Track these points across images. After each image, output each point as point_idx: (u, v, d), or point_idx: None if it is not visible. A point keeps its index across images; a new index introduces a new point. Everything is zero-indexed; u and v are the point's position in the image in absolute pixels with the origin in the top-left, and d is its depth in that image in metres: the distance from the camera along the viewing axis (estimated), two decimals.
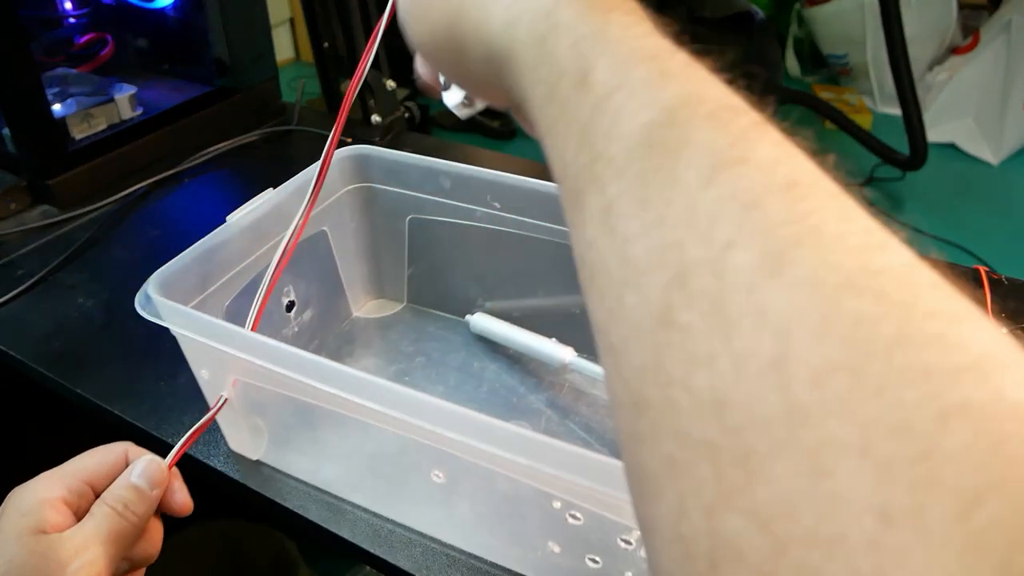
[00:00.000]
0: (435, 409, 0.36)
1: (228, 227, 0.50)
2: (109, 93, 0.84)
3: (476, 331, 0.61)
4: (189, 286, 0.47)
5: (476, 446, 0.35)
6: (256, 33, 0.94)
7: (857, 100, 2.44)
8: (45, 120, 0.76)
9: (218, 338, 0.42)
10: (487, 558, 0.45)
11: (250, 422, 0.49)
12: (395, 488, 0.47)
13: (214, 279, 0.49)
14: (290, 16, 2.66)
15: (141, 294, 0.44)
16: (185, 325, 0.43)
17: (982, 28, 2.23)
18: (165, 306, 0.43)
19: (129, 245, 0.74)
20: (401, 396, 0.37)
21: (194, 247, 0.48)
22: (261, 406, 0.48)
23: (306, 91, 1.01)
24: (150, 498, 0.39)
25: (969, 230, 1.88)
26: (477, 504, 0.44)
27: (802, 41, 2.65)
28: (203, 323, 0.43)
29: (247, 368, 0.43)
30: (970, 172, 2.16)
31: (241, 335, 0.42)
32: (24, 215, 0.78)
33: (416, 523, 0.47)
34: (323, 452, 0.48)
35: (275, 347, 0.40)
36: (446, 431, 0.36)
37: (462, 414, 0.35)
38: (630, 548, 0.38)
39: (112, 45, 0.94)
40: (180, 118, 0.88)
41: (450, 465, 0.42)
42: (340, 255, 0.61)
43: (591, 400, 0.56)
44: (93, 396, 0.56)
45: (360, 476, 0.48)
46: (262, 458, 0.51)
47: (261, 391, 0.46)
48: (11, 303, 0.66)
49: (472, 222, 0.57)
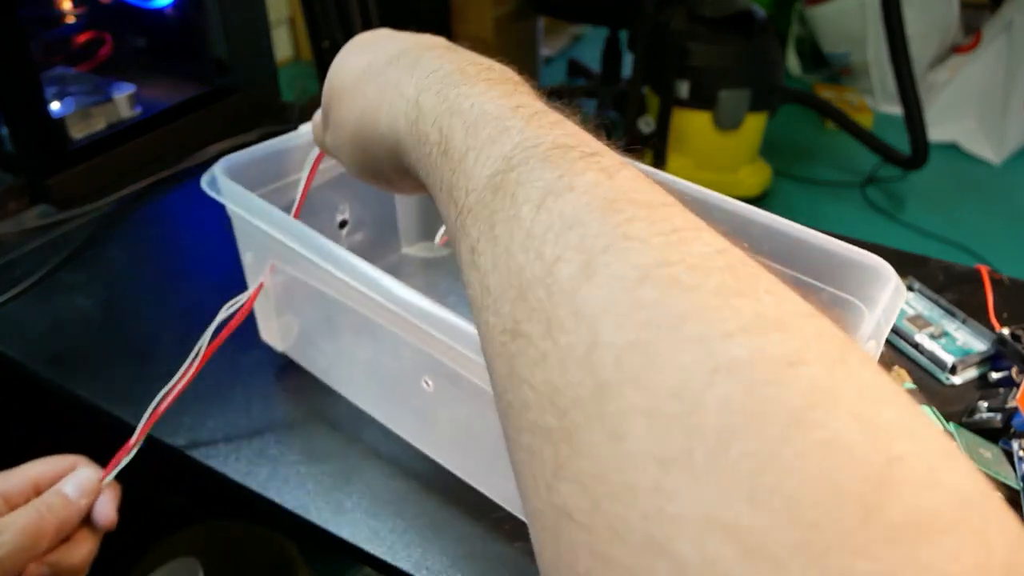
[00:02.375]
0: (423, 310, 0.39)
1: (298, 134, 0.54)
2: (108, 92, 0.84)
3: None
4: (251, 177, 0.51)
5: (455, 348, 0.37)
6: (256, 33, 0.93)
7: (858, 99, 2.43)
8: (44, 119, 0.76)
9: (261, 218, 0.46)
10: (464, 479, 0.47)
11: (280, 312, 0.54)
12: (390, 391, 0.49)
13: (279, 177, 0.53)
14: (290, 16, 2.66)
15: (208, 175, 0.48)
16: (238, 203, 0.48)
17: (983, 27, 2.23)
18: (227, 185, 0.48)
19: (129, 245, 0.73)
20: (396, 293, 0.40)
21: (264, 144, 0.52)
22: (290, 295, 0.51)
23: (306, 91, 1.01)
24: (75, 506, 0.42)
25: (970, 229, 1.88)
26: (457, 417, 0.46)
27: (803, 40, 2.65)
28: (252, 203, 0.47)
29: (281, 252, 0.47)
30: (971, 171, 2.16)
31: (279, 217, 0.45)
32: (23, 215, 0.78)
33: (406, 433, 0.50)
34: (339, 349, 0.51)
35: (302, 230, 0.44)
36: (432, 330, 0.38)
37: (447, 319, 0.38)
38: None
39: (111, 44, 0.94)
40: (179, 117, 0.88)
41: (437, 372, 0.44)
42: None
43: None
44: (92, 396, 0.56)
45: (365, 377, 0.50)
46: (288, 351, 0.56)
47: (292, 280, 0.50)
48: (10, 303, 0.66)
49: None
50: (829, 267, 0.45)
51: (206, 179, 0.48)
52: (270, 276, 0.51)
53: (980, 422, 0.51)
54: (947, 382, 0.56)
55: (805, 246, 0.46)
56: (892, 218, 1.94)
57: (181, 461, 0.52)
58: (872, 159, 2.05)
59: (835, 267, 0.45)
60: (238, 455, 0.52)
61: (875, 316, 0.40)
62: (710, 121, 1.82)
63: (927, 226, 1.90)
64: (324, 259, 0.43)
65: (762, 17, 1.78)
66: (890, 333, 0.60)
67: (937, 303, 0.62)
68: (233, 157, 0.50)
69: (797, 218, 0.45)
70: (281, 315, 0.54)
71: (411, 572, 0.45)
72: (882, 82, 2.39)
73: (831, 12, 2.42)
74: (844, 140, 2.10)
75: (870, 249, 0.65)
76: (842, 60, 2.51)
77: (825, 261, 0.45)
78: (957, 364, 0.56)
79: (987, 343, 0.58)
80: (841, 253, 0.45)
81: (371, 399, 0.52)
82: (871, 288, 0.43)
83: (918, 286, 0.63)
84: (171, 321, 0.64)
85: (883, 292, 0.42)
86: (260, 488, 0.49)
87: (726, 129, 1.83)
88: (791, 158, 2.16)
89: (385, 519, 0.48)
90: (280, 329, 0.55)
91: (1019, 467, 0.47)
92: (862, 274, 0.44)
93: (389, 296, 0.40)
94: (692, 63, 1.77)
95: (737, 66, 1.77)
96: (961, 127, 2.24)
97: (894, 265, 0.41)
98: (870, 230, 1.90)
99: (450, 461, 0.48)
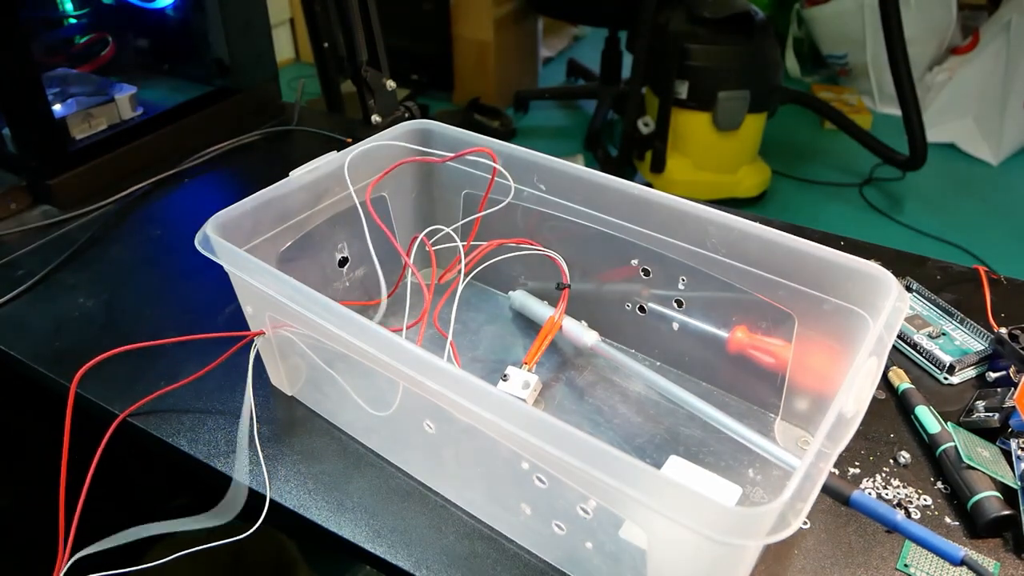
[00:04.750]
0: (417, 359, 0.39)
1: (290, 181, 0.54)
2: (109, 93, 0.84)
3: (515, 307, 0.63)
4: (246, 229, 0.52)
5: (449, 396, 0.38)
6: (256, 33, 0.94)
7: (857, 100, 2.44)
8: (46, 120, 0.76)
9: (253, 275, 0.46)
10: (474, 513, 0.48)
11: (285, 359, 0.54)
12: (397, 434, 0.50)
13: (272, 226, 0.54)
14: (290, 16, 2.66)
15: (200, 233, 0.48)
16: (231, 262, 0.48)
17: (982, 28, 2.24)
18: (219, 244, 0.48)
19: (129, 245, 0.74)
20: (392, 344, 0.40)
21: (255, 196, 0.52)
22: (292, 342, 0.51)
23: (306, 91, 1.01)
24: None
25: (968, 230, 1.88)
26: (461, 456, 0.46)
27: (802, 41, 2.66)
28: (244, 262, 0.47)
29: (277, 305, 0.47)
30: (970, 172, 2.16)
31: (271, 273, 0.45)
32: (24, 215, 0.78)
33: (415, 471, 0.50)
34: (343, 395, 0.51)
35: (296, 287, 0.44)
36: (425, 379, 0.39)
37: (439, 366, 0.38)
38: (588, 517, 0.39)
39: (112, 45, 0.94)
40: (180, 118, 0.88)
41: (437, 416, 0.44)
42: (399, 220, 0.64)
43: (608, 384, 0.57)
44: (93, 396, 0.56)
45: (369, 420, 0.50)
46: (297, 395, 0.56)
47: (291, 331, 0.50)
48: (11, 303, 0.66)
49: (519, 202, 0.59)
50: (830, 277, 0.46)
51: (199, 238, 0.48)
52: (270, 327, 0.51)
53: (978, 422, 0.51)
54: (945, 382, 0.57)
55: (804, 257, 0.46)
56: (890, 218, 1.95)
57: (182, 461, 0.53)
58: (871, 160, 2.06)
59: (836, 277, 0.45)
60: (238, 455, 0.52)
61: (877, 329, 0.40)
62: (709, 122, 1.82)
63: (925, 226, 1.90)
64: (316, 314, 0.43)
65: (761, 18, 1.78)
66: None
67: (935, 303, 0.63)
68: (224, 213, 0.50)
69: (796, 219, 0.46)
70: (286, 360, 0.54)
71: (411, 572, 0.45)
72: (880, 83, 2.40)
73: (830, 13, 2.43)
74: (843, 141, 2.10)
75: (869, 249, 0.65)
76: (841, 61, 2.51)
77: (825, 271, 0.46)
78: (955, 364, 0.56)
79: (985, 343, 0.59)
80: (841, 263, 0.45)
81: (380, 442, 0.52)
82: (874, 297, 0.44)
83: (916, 286, 0.64)
84: (171, 321, 0.64)
85: (886, 301, 0.42)
86: (260, 488, 0.50)
87: (725, 130, 1.83)
88: (790, 159, 2.16)
89: (385, 519, 0.48)
90: (287, 374, 0.56)
91: (1017, 466, 0.47)
92: (863, 283, 0.44)
93: (387, 349, 0.41)
94: (692, 64, 1.78)
95: (736, 67, 1.77)
96: (959, 128, 2.24)
97: (892, 265, 0.42)
98: (868, 230, 1.90)
99: (459, 498, 0.49)
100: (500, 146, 0.59)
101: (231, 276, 0.50)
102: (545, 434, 0.35)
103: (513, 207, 0.60)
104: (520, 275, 0.64)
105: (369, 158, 0.58)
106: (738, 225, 0.48)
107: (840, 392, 0.36)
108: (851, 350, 0.45)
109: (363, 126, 0.89)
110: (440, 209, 0.66)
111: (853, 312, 0.45)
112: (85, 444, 0.50)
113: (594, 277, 0.59)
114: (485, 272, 0.63)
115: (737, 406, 0.55)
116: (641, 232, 0.53)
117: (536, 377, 0.54)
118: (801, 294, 0.47)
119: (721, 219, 0.49)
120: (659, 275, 0.54)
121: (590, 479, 0.34)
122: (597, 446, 0.34)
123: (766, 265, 0.48)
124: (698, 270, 0.51)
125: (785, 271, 0.48)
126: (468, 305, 0.65)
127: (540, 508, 0.42)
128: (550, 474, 0.39)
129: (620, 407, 0.55)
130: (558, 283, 0.57)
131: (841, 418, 0.36)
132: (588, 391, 0.57)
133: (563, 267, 0.57)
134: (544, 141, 2.33)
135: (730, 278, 0.50)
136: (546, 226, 0.59)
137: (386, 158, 0.59)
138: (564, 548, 0.43)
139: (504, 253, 0.60)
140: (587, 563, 0.42)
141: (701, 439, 0.52)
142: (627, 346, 0.60)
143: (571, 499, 0.39)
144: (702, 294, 0.53)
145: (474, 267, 0.60)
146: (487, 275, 0.65)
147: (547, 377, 0.58)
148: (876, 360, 0.39)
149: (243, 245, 0.51)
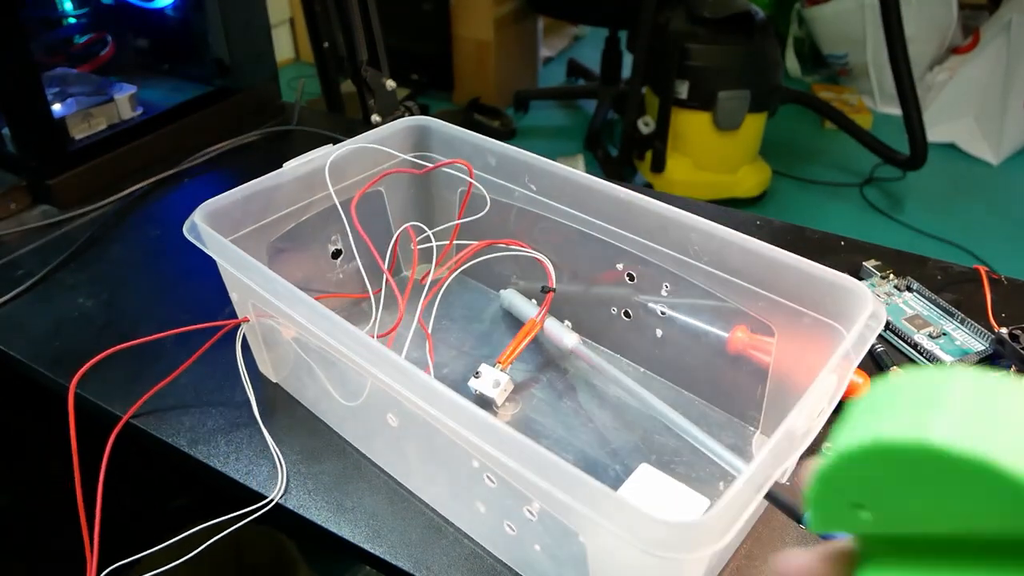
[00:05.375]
0: (372, 351, 0.40)
1: (282, 173, 0.54)
2: (109, 93, 0.84)
3: (504, 306, 0.63)
4: (235, 218, 0.52)
5: (401, 391, 0.39)
6: (256, 33, 0.94)
7: (857, 100, 2.44)
8: (45, 120, 0.76)
9: (236, 266, 0.47)
10: (436, 508, 0.48)
11: (270, 347, 0.55)
12: (365, 424, 0.50)
13: (262, 216, 0.54)
14: (290, 16, 2.66)
15: (189, 221, 0.48)
16: (216, 251, 0.48)
17: (982, 28, 2.23)
18: (207, 232, 0.48)
19: (129, 245, 0.74)
20: (354, 337, 0.41)
21: (246, 185, 0.53)
22: (275, 333, 0.52)
23: (306, 91, 1.01)
24: None
25: (969, 230, 1.88)
26: (421, 451, 0.46)
27: (802, 41, 2.66)
28: (228, 252, 0.47)
29: (258, 297, 0.47)
30: (970, 172, 2.16)
31: (253, 265, 0.46)
32: (24, 215, 0.78)
33: (383, 462, 0.51)
34: (319, 382, 0.51)
35: (275, 280, 0.44)
36: (379, 372, 0.39)
37: (393, 359, 0.39)
38: (533, 520, 0.39)
39: (112, 45, 0.94)
40: (180, 118, 0.88)
41: (398, 410, 0.44)
42: (394, 216, 0.64)
43: (589, 388, 0.57)
44: (93, 396, 0.56)
45: (342, 410, 0.51)
46: (281, 383, 0.57)
47: (271, 320, 0.50)
48: (11, 303, 0.66)
49: (511, 201, 0.59)
50: (809, 290, 0.45)
51: (187, 225, 0.49)
52: (254, 315, 0.52)
53: None
54: None
55: (785, 269, 0.46)
56: (891, 218, 1.95)
57: (182, 461, 0.53)
58: (871, 159, 2.06)
59: (815, 290, 0.45)
60: (238, 455, 0.52)
61: (844, 347, 0.40)
62: (710, 121, 1.82)
63: (926, 226, 1.90)
64: (295, 311, 0.43)
65: (761, 18, 1.78)
66: (889, 333, 0.61)
67: (936, 303, 0.63)
68: (213, 201, 0.50)
69: (796, 218, 0.46)
70: (271, 348, 0.54)
71: (411, 572, 0.45)
72: (881, 83, 2.40)
73: (830, 13, 2.43)
74: (843, 140, 2.10)
75: (869, 250, 0.65)
76: (841, 61, 2.51)
77: (805, 284, 0.45)
78: (955, 364, 0.56)
79: (985, 343, 0.58)
80: (820, 276, 0.44)
81: (351, 432, 0.53)
82: (851, 311, 0.43)
83: (917, 286, 0.64)
84: (171, 321, 0.64)
85: (860, 317, 0.41)
86: (260, 488, 0.50)
87: (725, 129, 1.83)
88: (790, 158, 2.16)
89: (385, 519, 0.48)
90: (272, 362, 0.56)
91: None
92: (841, 298, 0.44)
93: (356, 348, 0.41)
94: (692, 63, 1.77)
95: (736, 67, 1.77)
96: (960, 127, 2.24)
97: (892, 265, 0.41)
98: (869, 230, 1.90)
99: (424, 492, 0.49)
100: (494, 145, 0.58)
101: (218, 264, 0.50)
102: (483, 432, 0.36)
103: (508, 206, 0.59)
104: (513, 274, 0.64)
105: (365, 155, 0.58)
106: (720, 233, 0.48)
107: (793, 410, 0.36)
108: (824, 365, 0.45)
109: (363, 126, 0.89)
110: (437, 205, 0.66)
111: (830, 327, 0.45)
112: (85, 444, 0.50)
113: (582, 280, 0.59)
114: (479, 270, 0.63)
115: (717, 417, 0.54)
116: (626, 236, 0.53)
117: (507, 376, 0.55)
118: (781, 306, 0.47)
119: (704, 227, 0.49)
120: (643, 280, 0.54)
121: (529, 481, 0.34)
122: (529, 446, 0.34)
123: (747, 275, 0.48)
124: (681, 277, 0.51)
125: (766, 282, 0.47)
126: (461, 302, 0.65)
127: (493, 507, 0.42)
128: (498, 474, 0.39)
129: (597, 411, 0.55)
130: (543, 286, 0.57)
131: (790, 435, 0.35)
132: (567, 393, 0.57)
133: (549, 270, 0.57)
134: (544, 141, 2.33)
135: (712, 287, 0.50)
136: (538, 227, 0.59)
137: (382, 155, 0.60)
138: (516, 550, 0.44)
139: (495, 252, 0.61)
140: (538, 566, 0.42)
141: (675, 448, 0.52)
142: (613, 351, 0.60)
143: (518, 500, 0.39)
144: (685, 301, 0.52)
145: (461, 266, 0.60)
146: (481, 273, 0.65)
147: (528, 377, 0.58)
148: (836, 378, 0.39)
149: (232, 234, 0.51)
